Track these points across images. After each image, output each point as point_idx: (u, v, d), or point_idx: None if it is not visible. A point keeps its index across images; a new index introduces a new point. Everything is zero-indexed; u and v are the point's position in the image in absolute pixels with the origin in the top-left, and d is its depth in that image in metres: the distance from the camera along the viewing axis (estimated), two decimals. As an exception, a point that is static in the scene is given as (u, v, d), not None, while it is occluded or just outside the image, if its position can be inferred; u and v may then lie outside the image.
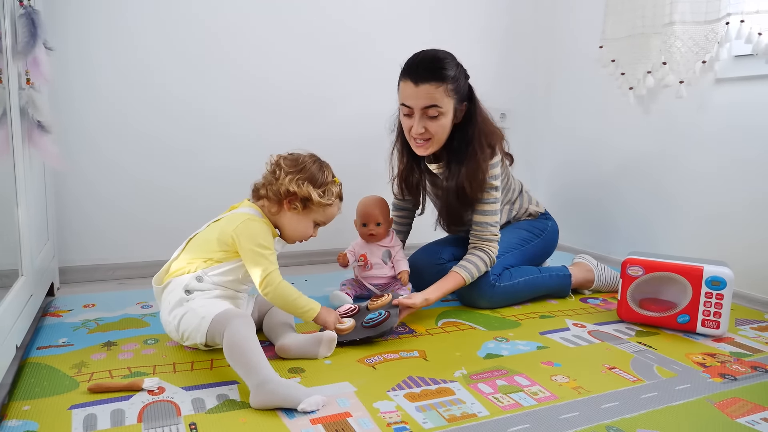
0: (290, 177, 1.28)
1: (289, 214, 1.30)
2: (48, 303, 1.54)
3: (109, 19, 1.74)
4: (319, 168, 1.33)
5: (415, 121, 1.44)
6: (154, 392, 1.03)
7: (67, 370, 1.12)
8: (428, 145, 1.49)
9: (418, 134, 1.46)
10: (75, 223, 1.78)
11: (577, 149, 2.37)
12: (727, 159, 1.77)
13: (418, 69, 1.42)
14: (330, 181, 1.34)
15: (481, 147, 1.50)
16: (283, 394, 0.98)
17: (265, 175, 1.33)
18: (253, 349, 1.04)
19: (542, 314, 1.57)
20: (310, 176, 1.30)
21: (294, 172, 1.29)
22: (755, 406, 1.05)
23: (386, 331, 1.30)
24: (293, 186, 1.27)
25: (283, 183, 1.28)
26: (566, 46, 2.39)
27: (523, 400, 1.05)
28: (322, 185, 1.31)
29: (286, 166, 1.31)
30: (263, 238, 1.23)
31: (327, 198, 1.31)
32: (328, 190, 1.32)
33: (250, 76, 1.95)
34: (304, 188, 1.28)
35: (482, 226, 1.57)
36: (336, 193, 1.35)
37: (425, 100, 1.41)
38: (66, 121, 1.71)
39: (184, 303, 1.18)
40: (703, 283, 1.39)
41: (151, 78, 1.82)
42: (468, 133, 1.50)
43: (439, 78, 1.40)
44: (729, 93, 1.77)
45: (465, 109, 1.50)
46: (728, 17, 1.63)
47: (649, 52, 1.90)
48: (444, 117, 1.44)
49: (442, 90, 1.41)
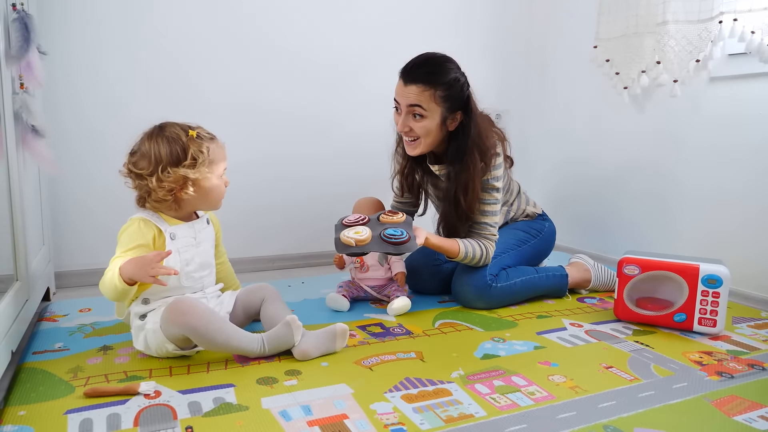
0: (155, 177, 1.14)
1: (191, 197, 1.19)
2: (44, 308, 1.53)
3: (103, 22, 1.73)
4: (164, 139, 1.16)
5: (401, 117, 1.49)
6: (150, 396, 1.03)
7: (62, 374, 1.11)
8: (416, 144, 1.51)
9: (402, 131, 1.51)
10: (70, 228, 1.78)
11: (573, 149, 2.37)
12: (722, 157, 1.78)
13: (411, 69, 1.46)
14: (186, 141, 1.17)
15: (473, 161, 1.50)
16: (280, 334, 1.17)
17: (134, 186, 1.20)
18: (215, 328, 1.13)
19: (539, 314, 1.57)
20: (168, 159, 1.15)
21: (151, 169, 1.15)
22: (752, 404, 1.05)
23: (405, 252, 1.30)
24: (166, 184, 1.15)
25: (155, 188, 1.15)
26: (561, 46, 2.39)
27: (521, 400, 1.05)
28: (185, 153, 1.16)
29: (139, 169, 1.16)
30: (124, 237, 1.17)
31: (202, 160, 1.17)
32: (195, 152, 1.16)
33: (246, 80, 1.95)
34: (178, 174, 1.14)
35: (482, 226, 1.58)
36: (202, 145, 1.18)
37: (409, 99, 1.45)
38: (60, 125, 1.70)
39: (141, 329, 1.18)
40: (699, 282, 1.39)
41: (147, 81, 1.81)
42: (461, 144, 1.50)
43: (427, 82, 1.43)
44: (723, 91, 1.77)
45: (460, 118, 1.50)
46: (721, 16, 1.63)
47: (643, 52, 1.91)
48: (427, 120, 1.46)
49: (429, 94, 1.43)
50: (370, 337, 1.36)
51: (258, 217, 2.03)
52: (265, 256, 2.06)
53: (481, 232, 1.58)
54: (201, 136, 1.20)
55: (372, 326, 1.44)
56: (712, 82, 1.79)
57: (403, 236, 1.33)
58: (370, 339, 1.35)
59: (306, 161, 2.09)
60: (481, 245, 1.56)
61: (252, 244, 2.03)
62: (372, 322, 1.47)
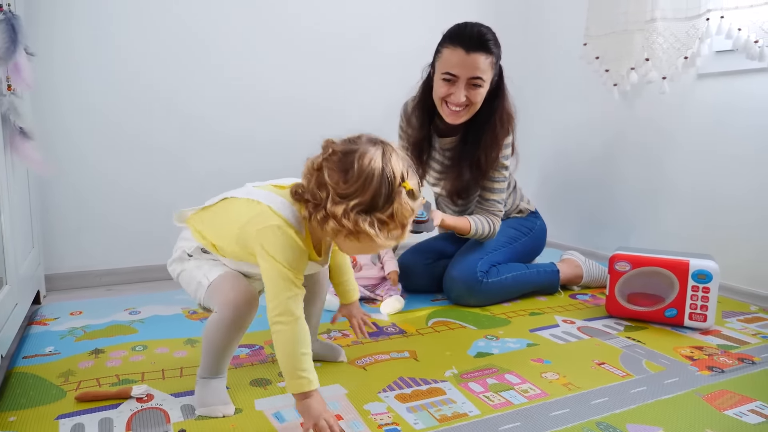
0: (340, 205, 0.85)
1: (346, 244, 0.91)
2: (34, 311, 1.52)
3: (91, 23, 1.72)
4: (381, 182, 0.85)
5: (459, 88, 1.47)
6: (143, 399, 1.02)
7: (53, 379, 1.10)
8: (463, 113, 1.52)
9: (459, 102, 1.48)
10: (61, 230, 1.76)
11: (563, 146, 2.38)
12: (711, 153, 1.79)
13: (471, 39, 1.44)
14: (395, 195, 0.86)
15: (501, 123, 1.56)
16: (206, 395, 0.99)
17: (307, 178, 0.90)
18: (232, 347, 1.00)
19: (532, 311, 1.58)
20: (369, 202, 0.85)
21: (345, 196, 0.85)
22: (742, 398, 1.06)
23: (424, 231, 1.36)
24: (344, 221, 0.85)
25: (329, 211, 0.86)
26: (552, 43, 2.40)
27: (514, 398, 1.05)
28: (385, 208, 0.85)
29: (334, 183, 0.86)
30: (286, 254, 0.91)
31: (388, 228, 0.87)
32: (400, 215, 0.86)
33: (236, 80, 1.94)
34: (360, 225, 0.84)
35: (490, 202, 1.64)
36: (407, 210, 0.87)
37: (473, 69, 1.45)
38: (49, 127, 1.69)
39: (183, 261, 1.06)
40: (689, 277, 1.40)
41: (136, 83, 1.80)
42: (492, 107, 1.54)
43: (488, 50, 1.45)
44: (711, 88, 1.79)
45: (494, 84, 1.54)
46: (708, 13, 1.64)
47: (632, 49, 1.92)
48: (483, 88, 1.49)
49: (489, 62, 1.46)
50: (363, 336, 1.36)
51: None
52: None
53: (489, 209, 1.64)
54: (414, 195, 0.89)
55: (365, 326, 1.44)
56: (701, 78, 1.81)
57: (424, 216, 1.39)
58: (363, 339, 1.35)
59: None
60: (489, 221, 1.63)
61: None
62: (365, 322, 1.47)
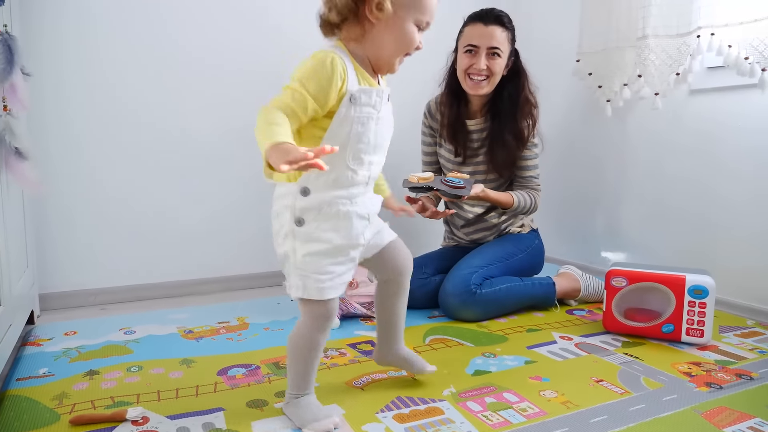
0: None
1: (377, 27, 0.94)
2: (28, 331, 1.50)
3: (85, 44, 1.72)
4: None
5: (480, 57, 1.65)
6: (138, 422, 1.01)
7: (47, 402, 1.09)
8: (484, 84, 1.68)
9: (480, 70, 1.66)
10: (55, 249, 1.75)
11: (556, 162, 2.39)
12: (704, 168, 1.81)
13: (488, 15, 1.67)
14: None
15: (527, 100, 1.71)
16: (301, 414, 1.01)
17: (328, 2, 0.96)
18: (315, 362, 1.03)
19: (529, 327, 1.58)
20: None
21: None
22: (741, 415, 1.06)
23: (457, 195, 1.44)
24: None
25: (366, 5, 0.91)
26: (545, 59, 2.42)
27: (513, 417, 1.05)
28: None
29: None
30: (304, 72, 0.91)
31: None
32: None
33: (229, 98, 1.94)
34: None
35: (527, 179, 1.78)
36: None
37: (491, 39, 1.65)
38: (44, 146, 1.69)
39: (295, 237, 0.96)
40: (686, 292, 1.41)
41: (130, 103, 1.80)
42: (516, 84, 1.72)
43: (504, 24, 1.67)
44: (703, 103, 1.81)
45: (512, 64, 1.72)
46: (699, 30, 1.67)
47: (625, 65, 1.94)
48: (501, 59, 1.67)
49: (505, 35, 1.67)
50: (360, 355, 1.36)
51: (242, 230, 2.01)
52: (258, 273, 2.04)
53: (528, 185, 1.77)
54: None
55: (362, 344, 1.43)
56: (692, 94, 1.83)
57: (460, 183, 1.47)
58: (360, 357, 1.34)
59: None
60: (530, 195, 1.75)
61: (244, 258, 2.01)
62: (362, 340, 1.46)
